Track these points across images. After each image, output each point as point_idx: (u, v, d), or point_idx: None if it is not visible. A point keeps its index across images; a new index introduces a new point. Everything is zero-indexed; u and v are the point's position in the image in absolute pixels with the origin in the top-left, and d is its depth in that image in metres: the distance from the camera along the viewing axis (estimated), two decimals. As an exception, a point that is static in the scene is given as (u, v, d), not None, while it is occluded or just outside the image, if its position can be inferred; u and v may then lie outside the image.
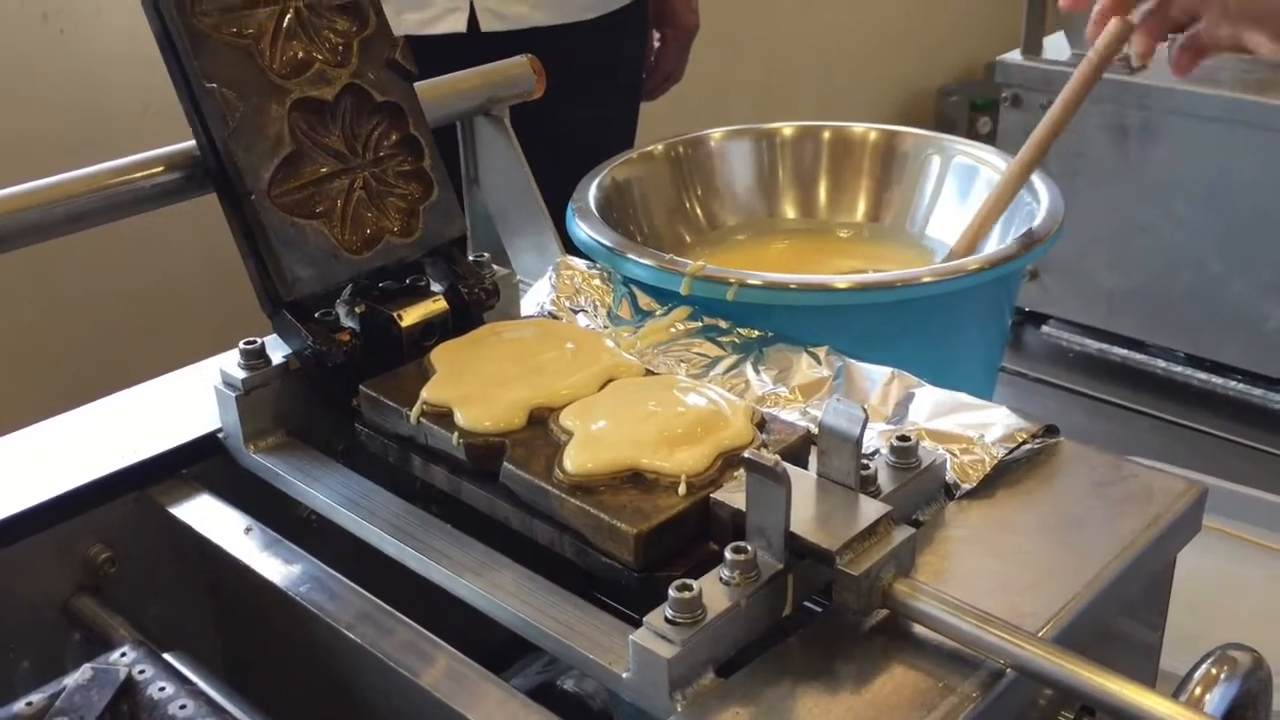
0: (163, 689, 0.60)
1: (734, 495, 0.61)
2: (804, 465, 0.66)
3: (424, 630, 0.64)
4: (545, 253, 0.99)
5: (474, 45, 1.46)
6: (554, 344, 0.76)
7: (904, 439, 0.66)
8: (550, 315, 0.89)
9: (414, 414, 0.71)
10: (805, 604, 0.62)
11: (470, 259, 0.83)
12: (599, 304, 0.90)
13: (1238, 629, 0.62)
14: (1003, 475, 0.70)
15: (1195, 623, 0.83)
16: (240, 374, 0.76)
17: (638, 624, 0.57)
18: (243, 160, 0.75)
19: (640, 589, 0.61)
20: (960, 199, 1.06)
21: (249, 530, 0.73)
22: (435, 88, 0.93)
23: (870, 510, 0.60)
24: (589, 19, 1.54)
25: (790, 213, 1.13)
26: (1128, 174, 1.47)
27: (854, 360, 0.80)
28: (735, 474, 0.64)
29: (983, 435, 0.71)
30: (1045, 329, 1.61)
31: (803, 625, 0.61)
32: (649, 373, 0.75)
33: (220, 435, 0.79)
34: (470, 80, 0.97)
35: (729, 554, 0.58)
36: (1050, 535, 0.67)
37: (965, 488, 0.69)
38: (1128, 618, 0.71)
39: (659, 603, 0.57)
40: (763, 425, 0.69)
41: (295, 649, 0.69)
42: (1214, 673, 0.57)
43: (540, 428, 0.69)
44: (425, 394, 0.72)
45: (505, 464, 0.67)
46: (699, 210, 1.11)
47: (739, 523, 0.60)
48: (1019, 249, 0.91)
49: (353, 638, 0.64)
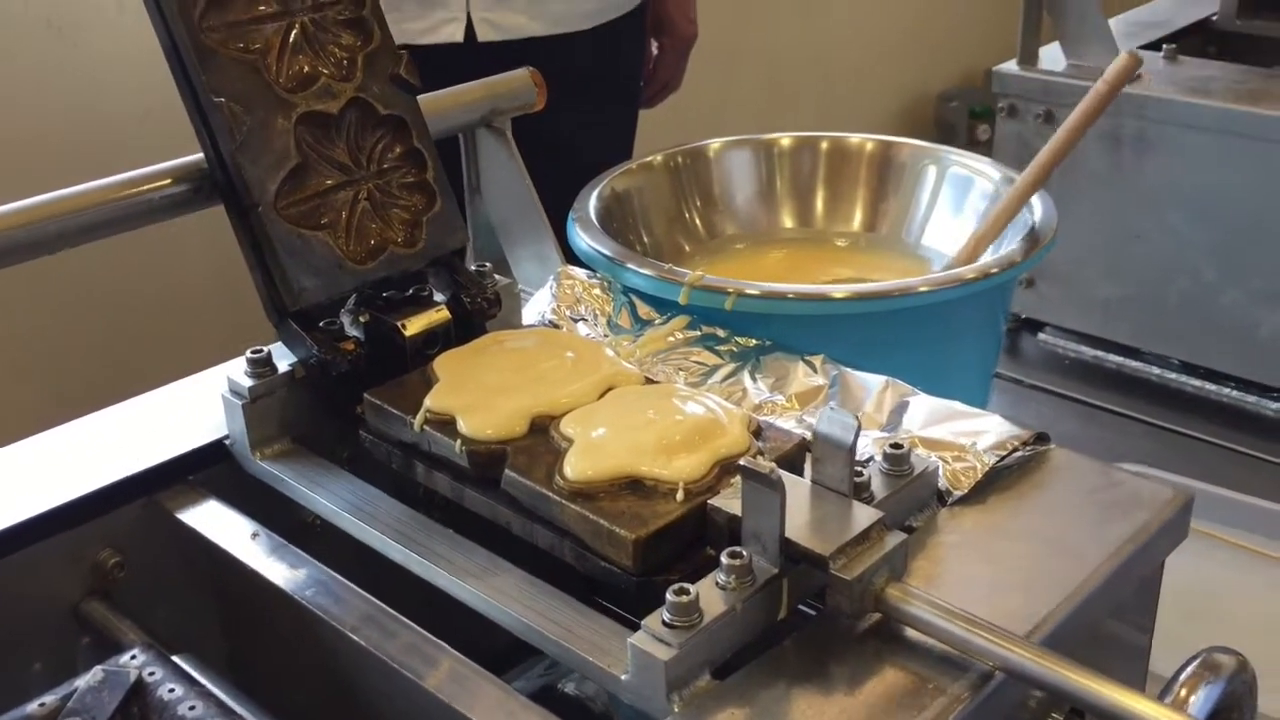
0: (172, 690, 0.61)
1: (730, 502, 0.62)
2: (799, 472, 0.67)
3: (427, 633, 0.65)
4: (546, 262, 0.99)
5: (471, 55, 1.47)
6: (555, 353, 0.77)
7: (897, 446, 0.67)
8: (551, 324, 0.90)
9: (417, 422, 0.72)
10: (800, 607, 0.62)
11: (472, 269, 0.84)
12: (599, 313, 0.91)
13: (1230, 634, 0.63)
14: (994, 482, 0.71)
15: (1188, 627, 0.84)
16: (247, 382, 0.77)
17: (636, 627, 0.58)
18: (249, 173, 0.76)
19: (639, 593, 0.62)
20: (956, 209, 1.07)
21: (255, 535, 0.74)
22: (438, 100, 0.94)
23: (863, 516, 0.61)
24: (585, 29, 1.54)
25: (788, 222, 1.13)
26: (1122, 183, 1.48)
27: (849, 369, 0.81)
28: (732, 481, 0.64)
29: (975, 443, 0.72)
30: (1041, 336, 1.61)
31: (797, 628, 0.62)
32: (648, 381, 0.76)
33: (227, 442, 0.79)
34: (472, 93, 0.98)
35: (725, 559, 0.59)
36: (1040, 541, 0.68)
37: (957, 494, 0.70)
38: (1117, 621, 0.72)
39: (657, 606, 0.58)
40: (759, 433, 0.70)
41: (300, 651, 0.70)
42: (1199, 675, 0.58)
43: (541, 435, 0.70)
44: (428, 402, 0.72)
45: (507, 471, 0.68)
46: (698, 220, 1.11)
47: (735, 528, 0.61)
48: (1013, 259, 0.92)
49: (357, 640, 0.65)
